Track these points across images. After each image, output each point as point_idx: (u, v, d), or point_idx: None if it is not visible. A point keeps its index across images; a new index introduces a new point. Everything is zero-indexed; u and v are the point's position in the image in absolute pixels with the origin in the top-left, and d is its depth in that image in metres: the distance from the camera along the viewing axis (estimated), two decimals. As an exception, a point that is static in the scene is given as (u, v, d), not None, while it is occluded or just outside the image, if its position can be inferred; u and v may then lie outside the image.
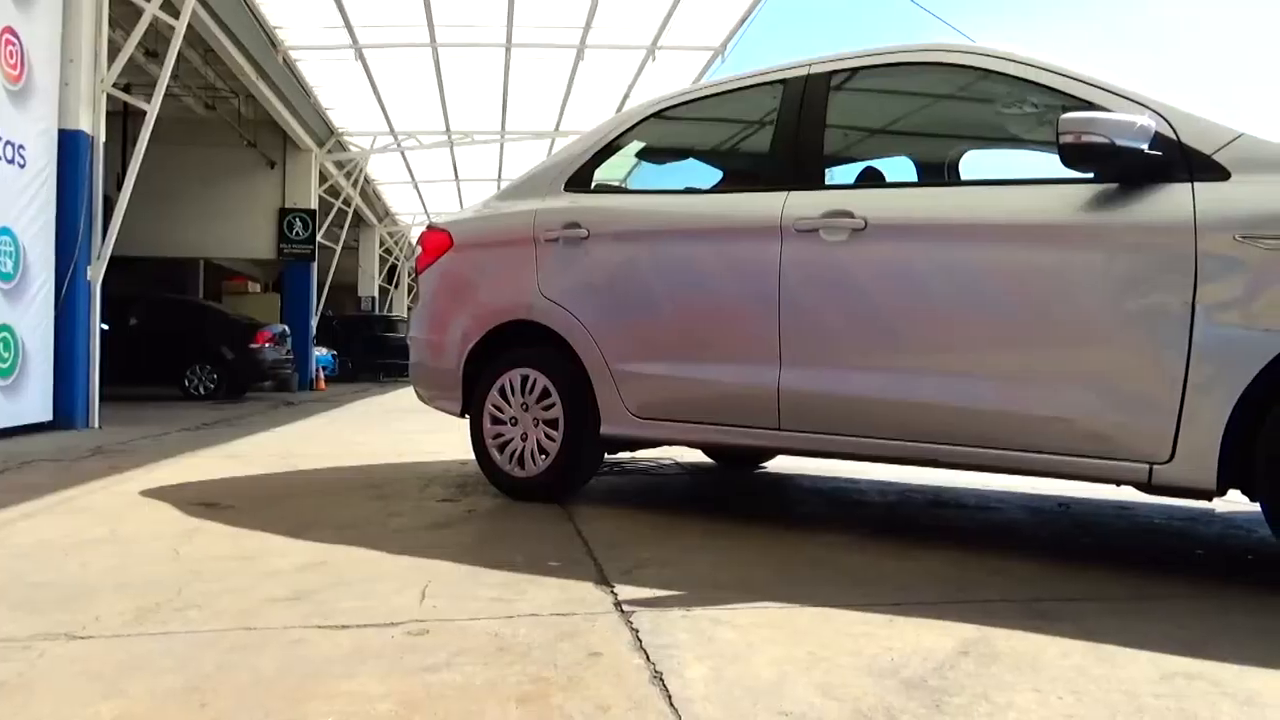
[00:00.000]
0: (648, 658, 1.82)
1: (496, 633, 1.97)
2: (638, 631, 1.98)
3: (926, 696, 1.62)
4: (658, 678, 1.71)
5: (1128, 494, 3.49)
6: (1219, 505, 3.52)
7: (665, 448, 5.03)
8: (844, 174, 3.57)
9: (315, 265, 16.13)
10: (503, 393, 3.73)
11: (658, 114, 3.76)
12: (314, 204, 15.78)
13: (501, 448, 3.73)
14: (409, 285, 28.87)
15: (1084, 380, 2.52)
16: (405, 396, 11.94)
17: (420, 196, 21.98)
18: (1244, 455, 2.32)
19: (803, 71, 3.27)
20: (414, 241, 17.74)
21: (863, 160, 3.61)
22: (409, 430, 7.14)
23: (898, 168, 3.79)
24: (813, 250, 2.99)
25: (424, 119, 15.09)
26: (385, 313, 25.62)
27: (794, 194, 3.09)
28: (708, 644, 1.90)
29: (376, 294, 25.15)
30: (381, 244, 25.50)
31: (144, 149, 7.81)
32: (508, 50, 12.00)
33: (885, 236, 2.88)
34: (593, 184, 3.84)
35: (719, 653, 1.85)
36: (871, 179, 3.41)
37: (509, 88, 13.43)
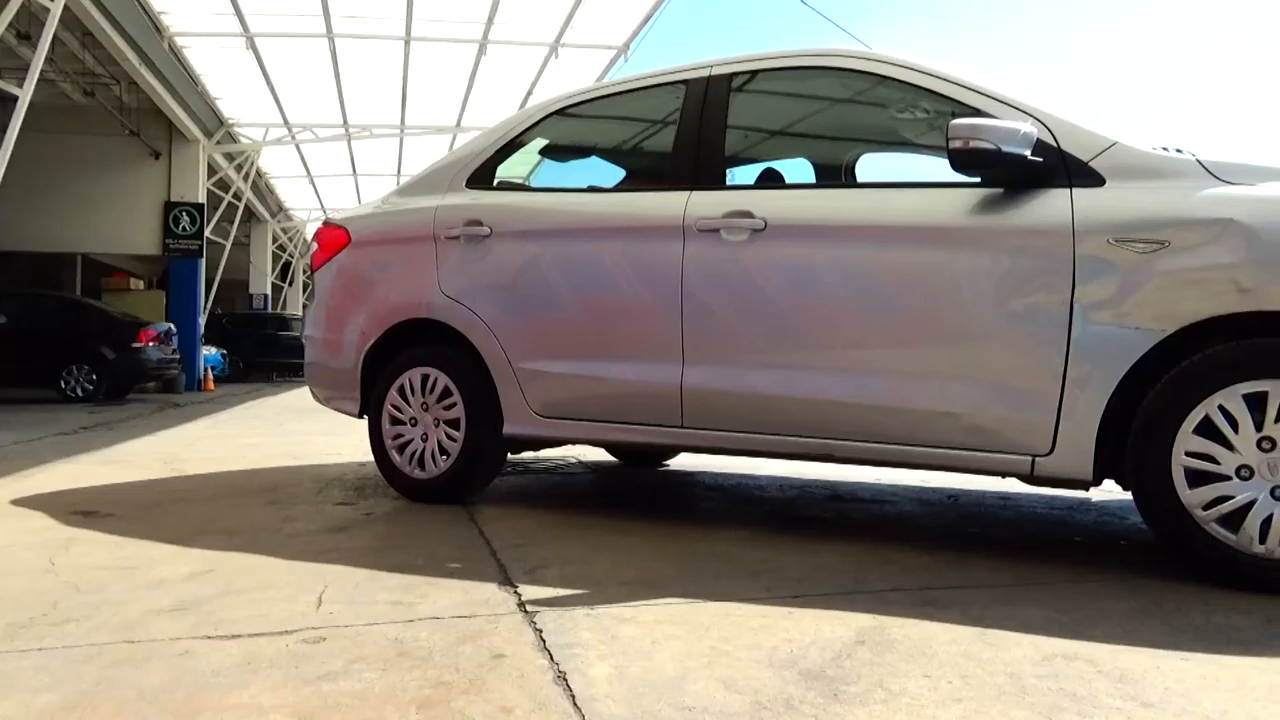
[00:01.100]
0: (551, 658, 1.81)
1: (396, 637, 1.93)
2: (541, 632, 1.97)
3: (825, 686, 1.66)
4: (561, 678, 1.70)
5: (1011, 485, 3.65)
6: (1095, 495, 3.72)
7: (569, 447, 5.03)
8: (745, 174, 3.63)
9: (203, 261, 15.48)
10: (402, 393, 3.66)
11: (561, 111, 3.75)
12: (202, 197, 15.14)
13: (401, 448, 3.66)
14: (304, 282, 28.04)
15: (971, 376, 2.62)
16: (300, 397, 11.59)
17: (316, 191, 21.37)
18: (1117, 447, 2.46)
19: (705, 72, 3.31)
20: (309, 238, 17.22)
21: (763, 161, 3.67)
22: (304, 431, 6.93)
23: (796, 169, 3.87)
24: (714, 250, 3.03)
25: (320, 111, 14.67)
26: (279, 311, 24.82)
27: (696, 194, 3.13)
28: (611, 642, 1.90)
29: (269, 291, 24.33)
30: (275, 240, 24.69)
31: (15, 137, 7.36)
32: (407, 44, 11.77)
33: (784, 237, 2.93)
34: (495, 181, 3.80)
35: (623, 650, 1.85)
36: (771, 180, 3.48)
37: (409, 82, 13.18)
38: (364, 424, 3.85)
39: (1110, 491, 2.86)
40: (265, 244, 23.69)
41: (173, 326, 13.19)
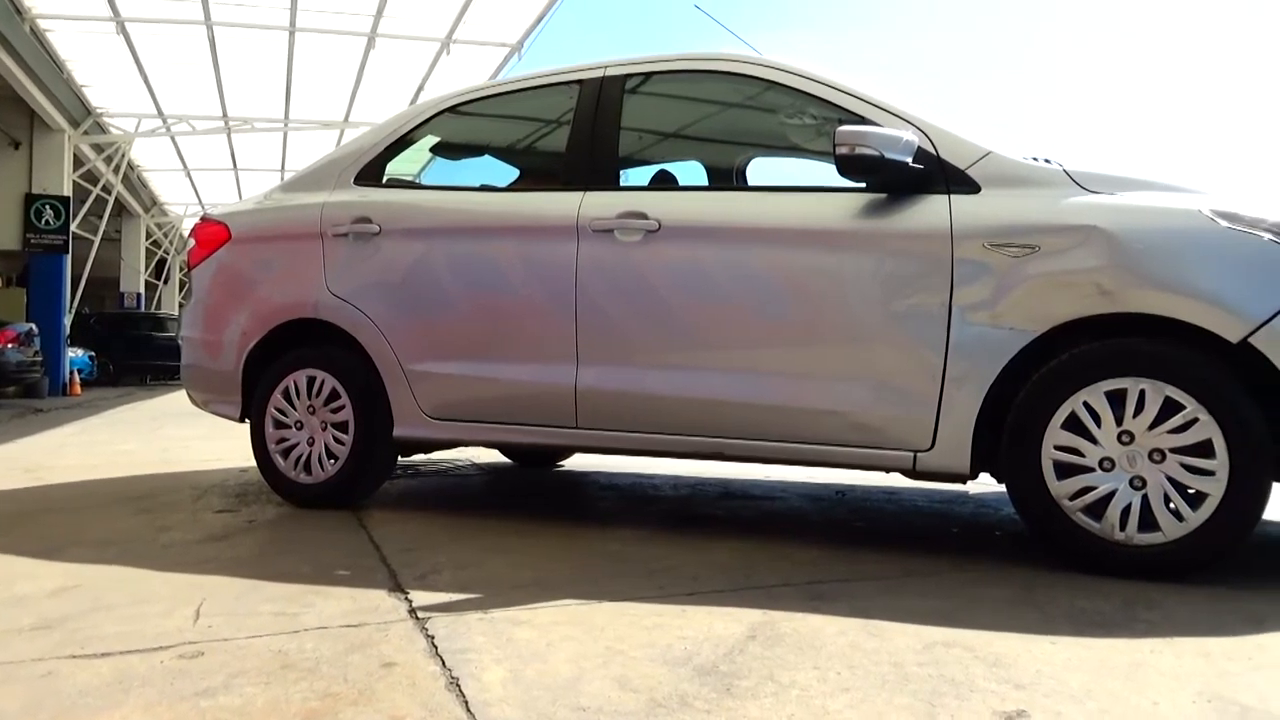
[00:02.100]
0: (444, 664, 1.78)
1: (280, 649, 1.87)
2: (433, 638, 1.93)
3: (718, 681, 1.68)
4: (454, 684, 1.68)
5: (896, 480, 3.78)
6: (972, 488, 3.89)
7: (462, 448, 4.95)
8: (638, 176, 3.65)
9: (69, 258, 14.58)
10: (287, 395, 3.54)
11: (453, 109, 3.69)
12: (67, 190, 14.25)
13: (286, 453, 3.54)
14: (180, 281, 26.77)
15: (857, 376, 2.71)
16: (177, 401, 11.06)
17: (194, 186, 20.42)
18: (992, 442, 2.58)
19: (599, 73, 3.31)
20: (186, 234, 16.47)
21: (656, 163, 3.70)
22: (181, 437, 6.62)
23: (689, 171, 3.92)
24: (608, 250, 3.04)
25: (198, 102, 14.02)
26: (153, 310, 23.61)
27: (590, 194, 3.13)
28: (506, 645, 1.88)
29: (143, 290, 23.13)
30: (149, 236, 23.47)
31: None
32: (291, 34, 11.38)
33: (677, 238, 2.96)
34: (384, 178, 3.71)
35: (517, 653, 1.84)
36: (664, 182, 3.51)
37: (294, 74, 12.74)
38: (246, 428, 3.70)
39: (986, 484, 3.00)
40: (138, 240, 22.50)
41: (34, 327, 12.38)
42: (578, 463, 4.88)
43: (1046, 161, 2.66)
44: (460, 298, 3.31)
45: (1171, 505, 2.37)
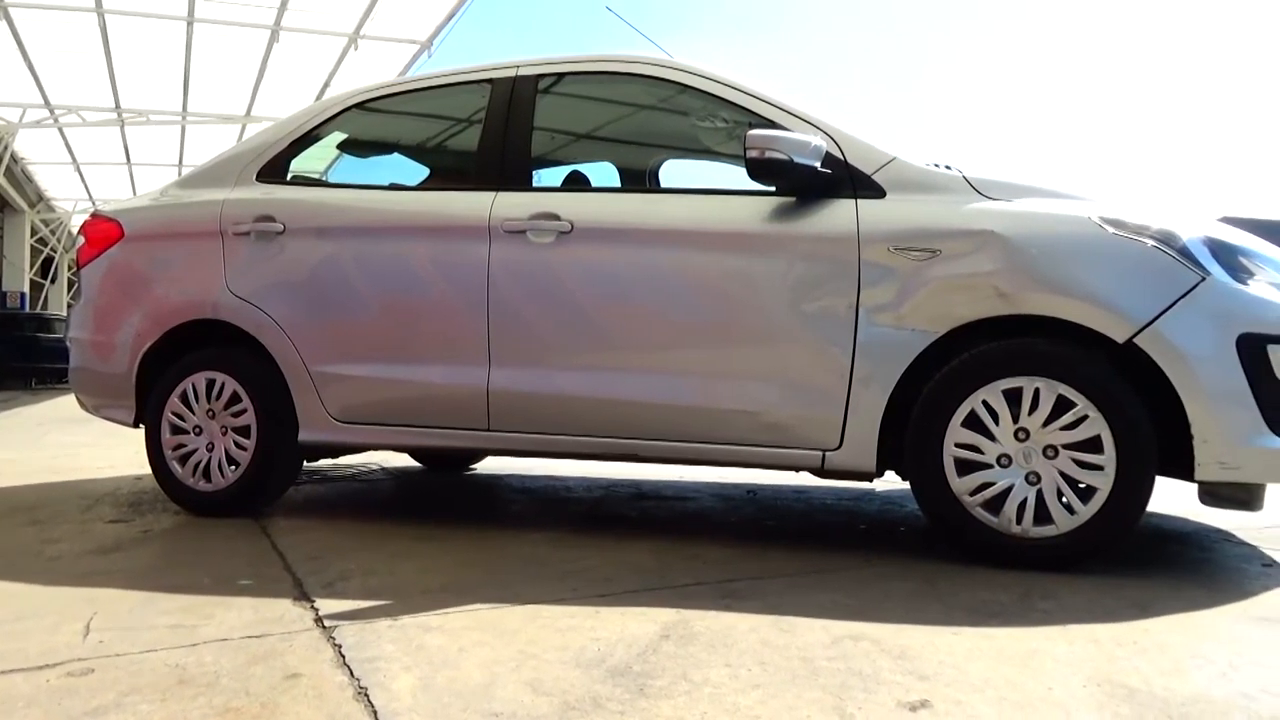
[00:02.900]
0: (352, 674, 1.74)
1: (178, 664, 1.79)
2: (340, 647, 1.89)
3: (631, 682, 1.68)
4: (363, 693, 1.64)
5: (805, 479, 3.86)
6: (878, 485, 3.99)
7: (371, 452, 4.85)
8: (551, 177, 3.64)
9: (-54, 255, 13.75)
10: (185, 399, 3.40)
11: (361, 105, 3.61)
12: (-57, 183, 13.45)
13: (184, 459, 3.40)
14: (69, 280, 25.51)
15: (767, 376, 2.75)
16: (65, 405, 10.52)
17: (84, 181, 19.50)
18: (897, 440, 2.65)
19: (511, 72, 3.29)
20: (76, 231, 15.67)
21: (569, 164, 3.70)
22: (70, 444, 6.30)
23: (602, 173, 3.92)
24: (521, 251, 3.01)
25: (89, 93, 13.40)
26: (38, 310, 22.43)
27: (502, 194, 3.10)
28: (416, 652, 1.85)
29: (28, 290, 21.95)
30: (34, 233, 22.30)
31: None
32: (190, 25, 10.97)
33: (590, 239, 2.96)
34: (289, 175, 3.60)
35: (428, 660, 1.81)
36: (577, 183, 3.50)
37: (192, 66, 12.29)
38: (140, 434, 3.55)
39: (891, 482, 3.08)
40: (22, 237, 21.35)
41: (-94, 328, 11.62)
42: (490, 466, 4.83)
43: (948, 168, 2.75)
44: (369, 298, 3.24)
45: (1064, 499, 2.48)
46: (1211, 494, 2.53)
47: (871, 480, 2.80)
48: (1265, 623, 2.08)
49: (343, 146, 3.94)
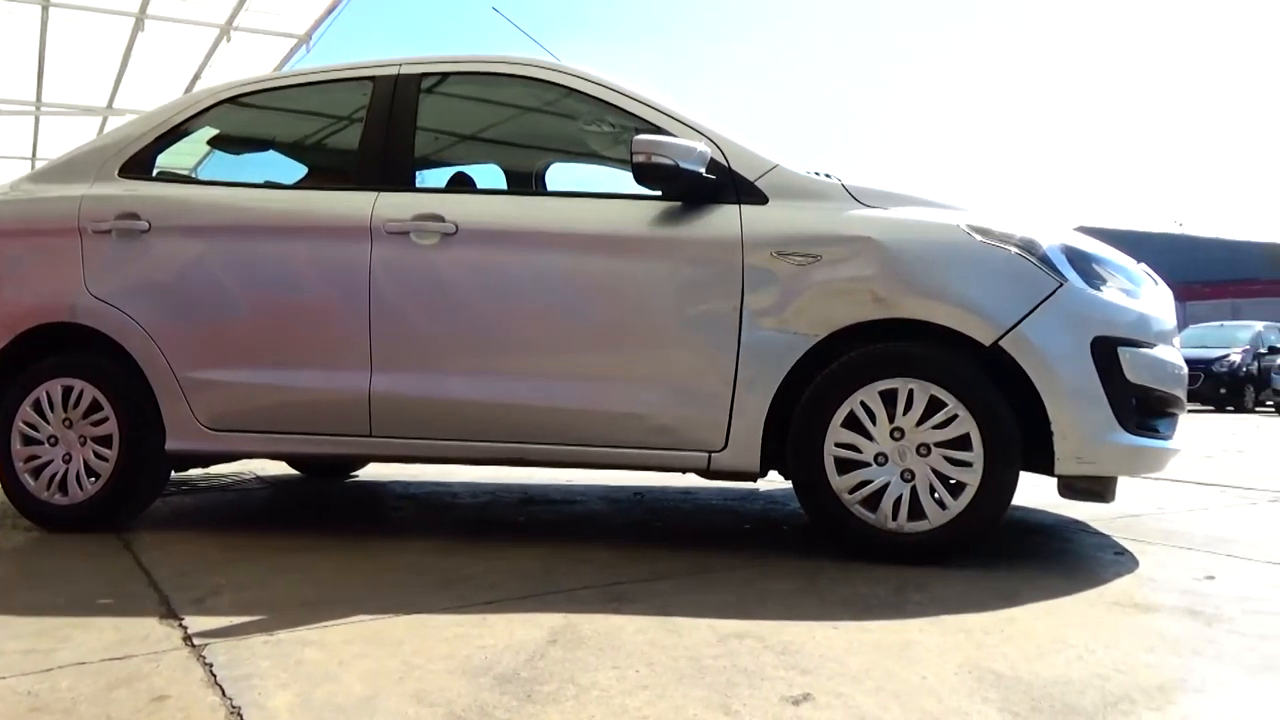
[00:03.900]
0: (224, 693, 1.66)
1: (30, 690, 1.68)
2: (211, 666, 1.80)
3: (519, 689, 1.67)
4: (236, 713, 1.57)
5: (691, 480, 3.90)
6: (762, 485, 4.07)
7: (245, 461, 4.66)
8: (435, 177, 3.58)
9: None
10: (38, 408, 3.18)
11: (234, 99, 3.46)
12: None
13: (37, 472, 3.18)
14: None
15: (655, 379, 2.78)
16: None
17: (-78, 172, 18.03)
18: (779, 441, 2.71)
19: (393, 70, 3.21)
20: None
21: (453, 165, 3.64)
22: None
23: (488, 175, 3.88)
24: (404, 253, 2.95)
25: (-74, 78, 12.40)
26: None
27: (384, 195, 3.02)
28: (294, 668, 1.78)
29: None
30: None
31: None
32: (45, 9, 10.29)
33: (476, 241, 2.92)
34: (155, 171, 3.42)
35: (307, 675, 1.74)
36: (462, 184, 3.45)
37: (47, 53, 11.51)
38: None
39: (775, 481, 3.15)
40: None
41: None
42: (372, 472, 4.70)
43: (827, 176, 2.84)
44: (243, 301, 3.11)
45: (936, 495, 2.59)
46: (1069, 487, 2.69)
47: (756, 480, 2.86)
48: (1118, 607, 2.22)
49: (214, 142, 3.77)
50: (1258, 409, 14.99)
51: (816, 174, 2.85)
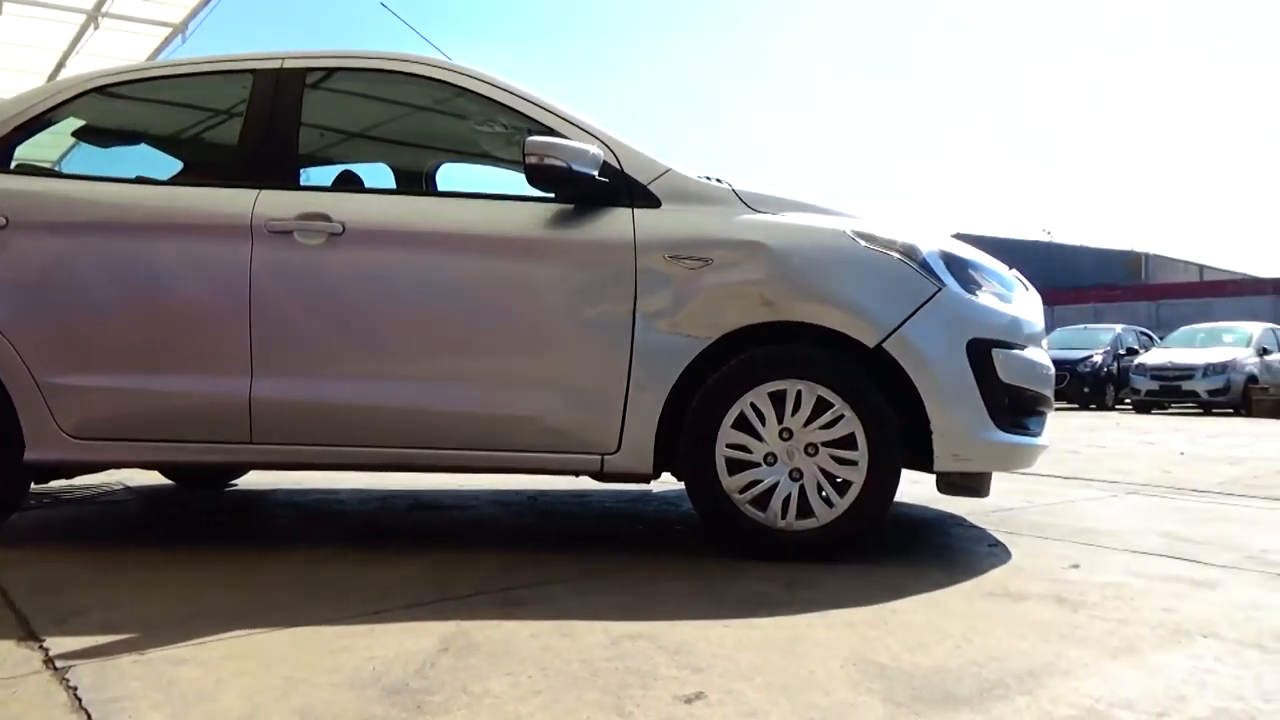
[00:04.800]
0: (89, 717, 1.56)
1: None
2: (76, 689, 1.69)
3: (408, 699, 1.63)
4: (102, 737, 1.48)
5: (585, 483, 3.90)
6: (655, 487, 4.10)
7: (114, 471, 4.42)
8: (320, 176, 3.47)
9: None
10: (-121, 416, 2.93)
11: (103, 89, 3.27)
12: None
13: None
14: None
15: (547, 382, 2.76)
16: None
17: None
18: (672, 443, 2.74)
19: (276, 64, 3.10)
20: None
21: (340, 163, 3.54)
22: None
23: (375, 174, 3.79)
24: (287, 253, 2.85)
25: None
26: None
27: (266, 193, 2.91)
28: (167, 688, 1.69)
29: None
30: None
31: None
32: (-114, -14, 9.53)
33: (363, 242, 2.85)
34: (12, 163, 3.21)
35: (181, 696, 1.66)
36: (348, 183, 3.36)
37: (-111, 34, 10.67)
38: None
39: (667, 483, 3.18)
40: None
41: None
42: (253, 480, 4.52)
43: (719, 181, 2.88)
44: (112, 302, 2.95)
45: (823, 493, 2.66)
46: (948, 483, 2.80)
47: (649, 482, 2.88)
48: (993, 598, 2.33)
49: (80, 134, 3.56)
50: (1117, 406, 15.97)
51: (708, 179, 2.89)
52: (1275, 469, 5.51)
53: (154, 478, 4.52)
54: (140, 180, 3.28)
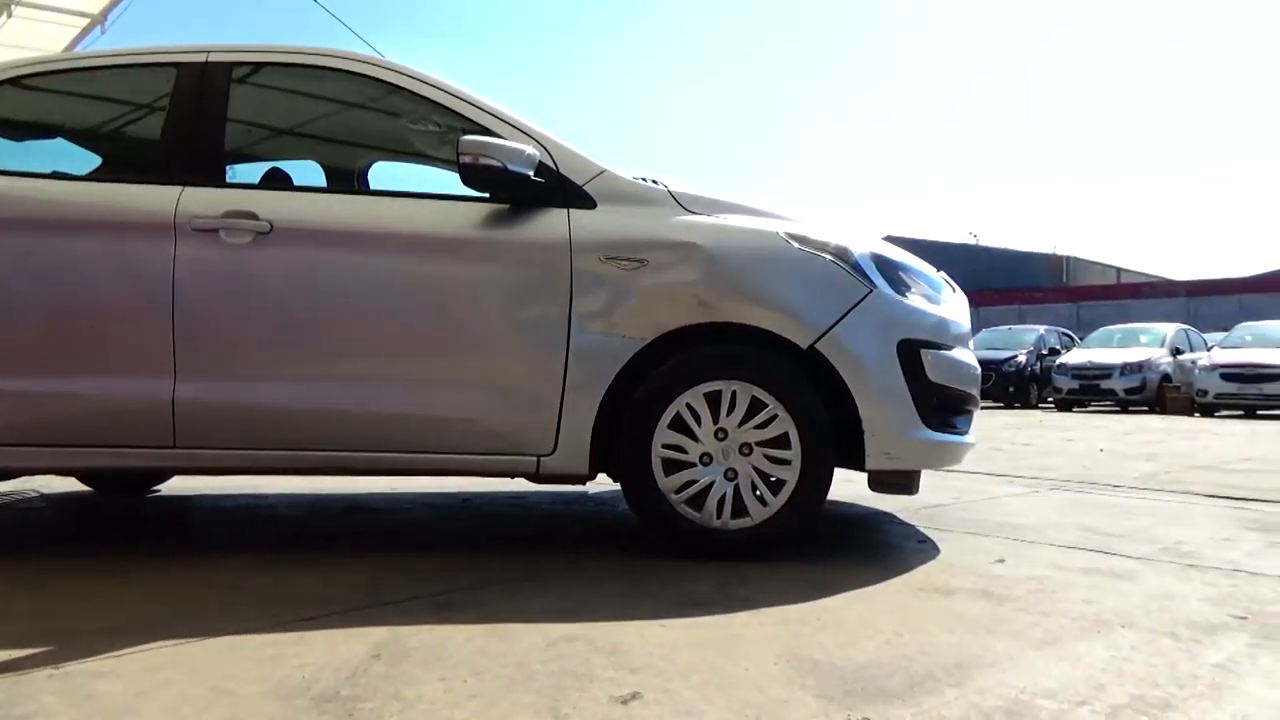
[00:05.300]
0: (0, 734, 1.50)
1: None
2: (-14, 704, 1.62)
3: (339, 708, 1.60)
4: (14, 755, 1.42)
5: (520, 485, 3.88)
6: (591, 488, 4.10)
7: (27, 478, 4.25)
8: (247, 173, 3.38)
9: None
10: None
11: (15, 81, 3.14)
12: None
13: None
14: None
15: (483, 383, 2.74)
16: None
17: None
18: (608, 444, 2.74)
19: (201, 58, 3.02)
20: None
21: (268, 160, 3.45)
22: None
23: (305, 171, 3.71)
24: (212, 252, 2.77)
25: None
26: None
27: (190, 190, 2.83)
28: (85, 703, 1.63)
29: None
30: None
31: None
32: None
33: (292, 241, 2.79)
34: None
35: (100, 710, 1.60)
36: (277, 180, 3.28)
37: None
38: None
39: (603, 484, 3.18)
40: None
41: None
42: (178, 485, 4.39)
43: (654, 183, 2.89)
44: (24, 302, 2.83)
45: (758, 492, 2.69)
46: (879, 481, 2.86)
47: (585, 483, 2.87)
48: (922, 593, 2.38)
49: (-9, 127, 3.42)
50: (1040, 405, 16.48)
51: (644, 180, 2.89)
52: (1187, 464, 5.75)
53: (70, 484, 4.36)
54: (56, 175, 3.17)
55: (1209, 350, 14.94)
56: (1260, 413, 13.56)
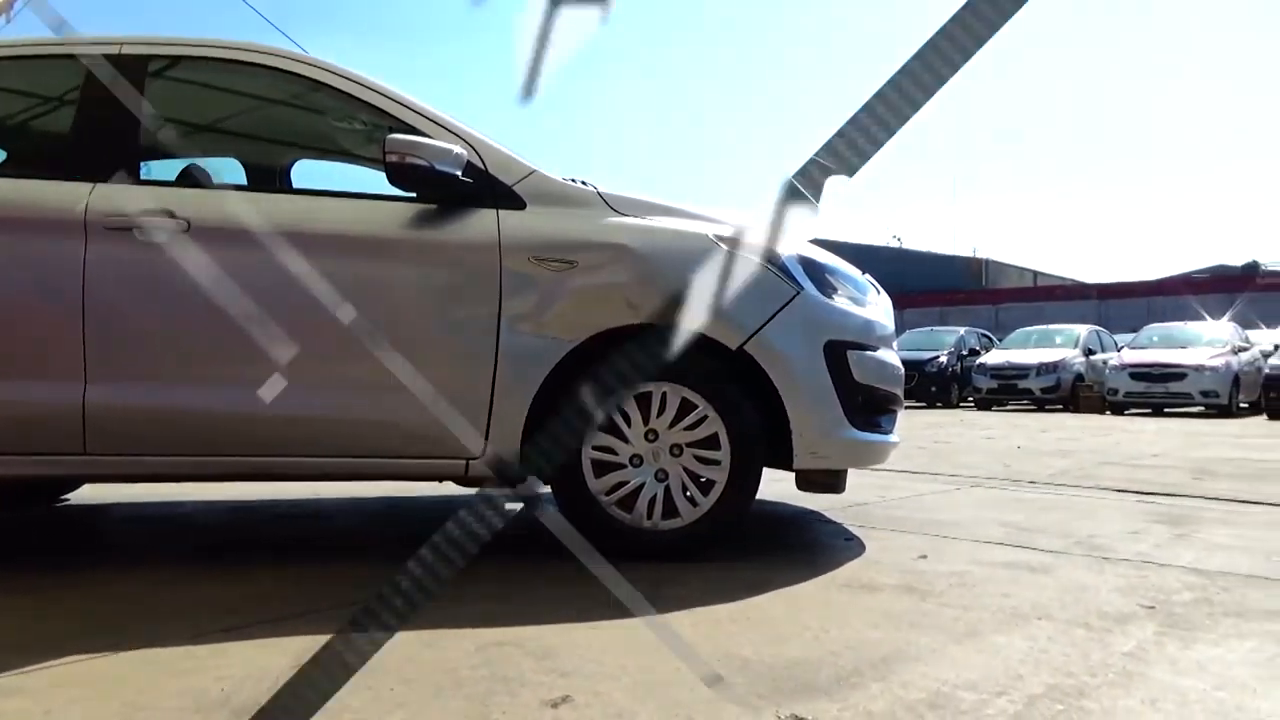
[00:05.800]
0: (-106, 758, 1.42)
1: None
2: (-121, 728, 1.54)
3: (261, 720, 1.55)
4: (-90, 780, 1.35)
5: (450, 489, 3.83)
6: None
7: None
8: (163, 170, 3.27)
9: None
10: None
11: (-91, 70, 2.99)
12: None
13: None
14: None
15: (410, 385, 2.69)
16: None
17: None
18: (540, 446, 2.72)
19: (114, 49, 2.91)
20: None
21: (185, 158, 3.35)
22: None
23: (224, 169, 3.61)
24: (126, 251, 2.67)
25: None
26: None
27: (102, 187, 2.73)
28: (-13, 722, 1.56)
29: None
30: None
31: None
32: None
33: (210, 240, 2.70)
34: None
35: (4, 729, 1.53)
36: (193, 178, 3.18)
37: None
38: None
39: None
40: None
41: None
42: (89, 494, 4.22)
43: (584, 184, 2.89)
44: (-80, 302, 2.69)
45: (688, 493, 2.71)
46: (806, 480, 2.90)
47: (515, 486, 2.84)
48: (848, 589, 2.42)
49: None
50: (961, 404, 16.93)
51: (574, 181, 2.89)
52: (1099, 460, 5.97)
53: (-27, 494, 4.16)
54: (-45, 170, 3.02)
55: (1119, 351, 15.55)
56: (1167, 410, 14.18)
